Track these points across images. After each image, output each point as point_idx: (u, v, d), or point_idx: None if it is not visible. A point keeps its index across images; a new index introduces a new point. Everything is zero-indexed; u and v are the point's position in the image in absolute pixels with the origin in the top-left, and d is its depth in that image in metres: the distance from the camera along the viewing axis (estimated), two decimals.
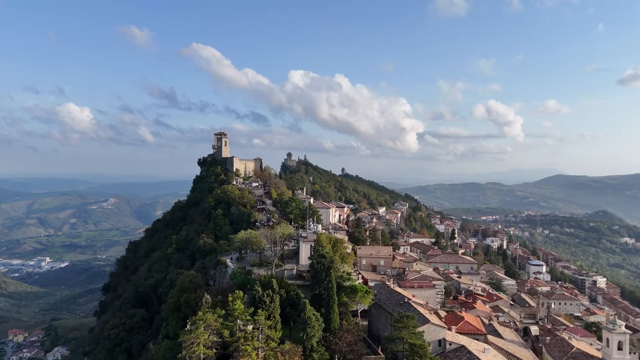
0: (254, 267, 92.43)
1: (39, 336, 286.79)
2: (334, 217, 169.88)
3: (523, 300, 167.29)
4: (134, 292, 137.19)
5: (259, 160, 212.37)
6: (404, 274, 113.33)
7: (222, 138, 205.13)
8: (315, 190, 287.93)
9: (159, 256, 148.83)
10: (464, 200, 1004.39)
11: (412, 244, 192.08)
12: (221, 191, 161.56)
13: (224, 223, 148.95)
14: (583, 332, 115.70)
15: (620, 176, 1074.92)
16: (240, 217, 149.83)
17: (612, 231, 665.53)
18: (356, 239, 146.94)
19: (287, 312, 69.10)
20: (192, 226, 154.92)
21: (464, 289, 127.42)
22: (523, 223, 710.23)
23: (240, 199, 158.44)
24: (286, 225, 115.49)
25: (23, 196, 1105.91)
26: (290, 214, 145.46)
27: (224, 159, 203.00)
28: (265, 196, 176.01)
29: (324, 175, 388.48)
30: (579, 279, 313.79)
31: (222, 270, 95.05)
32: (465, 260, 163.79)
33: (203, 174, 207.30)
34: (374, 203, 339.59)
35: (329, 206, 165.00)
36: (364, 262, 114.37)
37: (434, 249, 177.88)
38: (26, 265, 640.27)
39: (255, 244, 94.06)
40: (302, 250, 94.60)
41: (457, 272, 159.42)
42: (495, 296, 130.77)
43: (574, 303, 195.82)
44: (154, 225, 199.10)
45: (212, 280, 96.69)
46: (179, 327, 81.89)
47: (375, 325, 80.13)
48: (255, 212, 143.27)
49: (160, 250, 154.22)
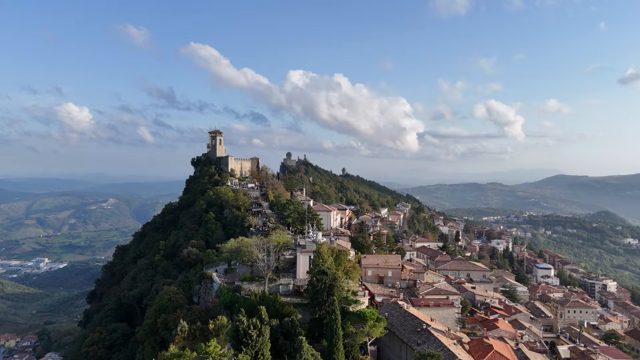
0: (244, 282, 79.15)
1: (31, 341, 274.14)
2: (335, 221, 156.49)
3: (538, 310, 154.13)
4: (117, 304, 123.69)
5: (256, 160, 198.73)
6: (415, 286, 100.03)
7: (216, 136, 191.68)
8: (315, 191, 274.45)
9: (145, 264, 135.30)
10: (465, 200, 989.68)
11: (418, 249, 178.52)
12: (214, 193, 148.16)
13: (216, 228, 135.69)
14: (616, 352, 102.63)
15: (622, 176, 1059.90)
16: (233, 221, 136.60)
17: (615, 232, 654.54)
18: (360, 244, 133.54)
19: (279, 344, 55.79)
20: (182, 231, 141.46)
21: (479, 302, 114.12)
22: (525, 224, 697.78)
23: (234, 201, 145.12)
24: (282, 231, 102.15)
25: (23, 196, 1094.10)
26: (288, 217, 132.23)
27: (219, 158, 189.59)
28: (262, 198, 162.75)
29: (324, 175, 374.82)
30: (588, 282, 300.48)
31: (207, 285, 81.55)
32: (477, 267, 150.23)
33: (197, 175, 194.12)
34: (376, 204, 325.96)
35: (330, 209, 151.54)
36: (369, 274, 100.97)
37: (442, 255, 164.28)
38: (25, 266, 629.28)
39: (246, 255, 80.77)
40: (299, 262, 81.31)
41: (468, 280, 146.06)
42: (513, 309, 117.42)
43: (589, 311, 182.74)
44: (144, 229, 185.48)
45: (196, 297, 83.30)
46: (154, 353, 68.74)
47: (386, 354, 66.86)
48: (250, 216, 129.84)
49: (146, 257, 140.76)
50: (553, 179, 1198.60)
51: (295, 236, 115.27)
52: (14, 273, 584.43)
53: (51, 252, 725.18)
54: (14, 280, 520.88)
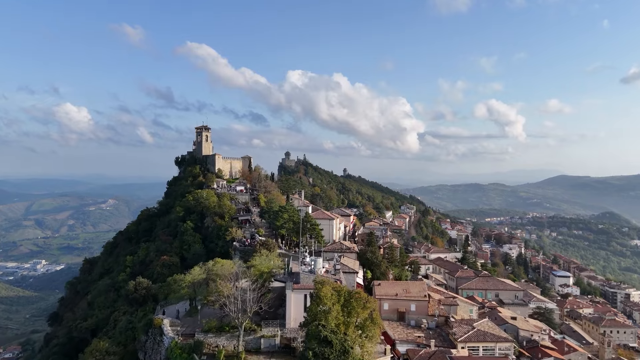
0: (208, 334, 52.84)
1: (14, 352, 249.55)
2: (339, 230, 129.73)
3: (576, 334, 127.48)
4: (67, 337, 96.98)
5: (248, 159, 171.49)
6: (447, 324, 73.65)
7: (202, 132, 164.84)
8: (315, 193, 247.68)
9: (106, 285, 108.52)
10: (467, 201, 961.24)
11: (433, 261, 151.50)
12: (193, 197, 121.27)
13: (194, 240, 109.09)
14: None
15: (625, 176, 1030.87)
16: (215, 233, 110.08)
17: (621, 233, 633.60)
18: (369, 261, 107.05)
19: None
20: (154, 243, 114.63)
21: (524, 338, 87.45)
22: (530, 225, 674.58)
23: (218, 207, 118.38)
24: (271, 252, 75.54)
25: (22, 197, 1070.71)
26: (282, 228, 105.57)
27: (205, 157, 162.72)
28: (252, 203, 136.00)
29: (324, 176, 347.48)
30: (609, 291, 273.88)
31: (156, 337, 54.83)
32: (507, 286, 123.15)
33: (181, 176, 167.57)
34: (380, 207, 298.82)
35: (332, 216, 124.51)
36: (385, 307, 74.46)
37: (463, 269, 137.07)
38: (21, 268, 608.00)
39: (213, 293, 54.46)
40: (290, 304, 54.83)
41: (497, 301, 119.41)
42: (565, 346, 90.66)
43: (628, 331, 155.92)
44: (115, 239, 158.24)
45: (142, 353, 56.64)
46: None
47: None
48: (233, 228, 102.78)
49: (110, 276, 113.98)
50: (555, 180, 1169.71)
51: (288, 254, 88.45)
52: (10, 275, 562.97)
53: (48, 254, 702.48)
54: (10, 283, 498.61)
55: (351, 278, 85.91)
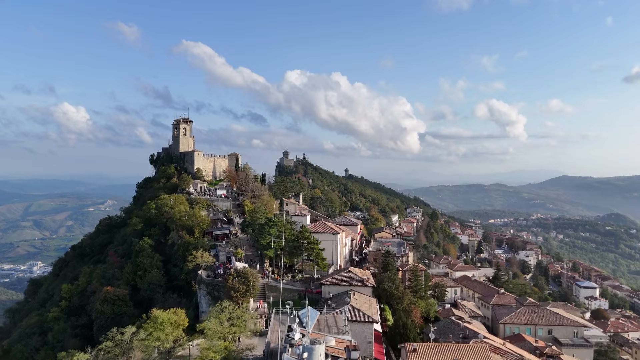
0: None
1: None
2: (345, 247, 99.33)
3: None
4: None
5: (235, 157, 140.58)
6: None
7: (179, 125, 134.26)
8: (315, 196, 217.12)
9: (33, 323, 78.33)
10: (469, 202, 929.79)
11: (459, 280, 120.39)
12: (155, 205, 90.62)
13: (152, 264, 78.64)
14: None
15: (628, 177, 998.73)
16: (181, 253, 79.74)
17: (629, 235, 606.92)
18: (386, 293, 76.91)
19: None
20: (100, 268, 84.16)
21: None
22: (535, 227, 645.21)
23: (187, 219, 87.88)
24: (236, 308, 45.23)
25: (22, 198, 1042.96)
26: (268, 249, 75.16)
27: (182, 154, 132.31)
28: (236, 211, 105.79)
29: (325, 176, 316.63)
30: (638, 303, 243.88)
31: None
32: (562, 320, 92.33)
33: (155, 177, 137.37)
34: (386, 210, 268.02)
35: (337, 229, 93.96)
36: None
37: (499, 294, 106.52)
38: (17, 270, 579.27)
39: None
40: None
41: (552, 340, 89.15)
42: None
43: None
44: (66, 256, 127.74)
45: None
46: None
47: None
48: (198, 251, 71.55)
49: (38, 312, 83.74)
50: (557, 180, 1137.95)
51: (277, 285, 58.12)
52: (6, 277, 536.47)
53: (45, 255, 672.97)
54: (4, 285, 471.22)
55: (368, 331, 55.99)
